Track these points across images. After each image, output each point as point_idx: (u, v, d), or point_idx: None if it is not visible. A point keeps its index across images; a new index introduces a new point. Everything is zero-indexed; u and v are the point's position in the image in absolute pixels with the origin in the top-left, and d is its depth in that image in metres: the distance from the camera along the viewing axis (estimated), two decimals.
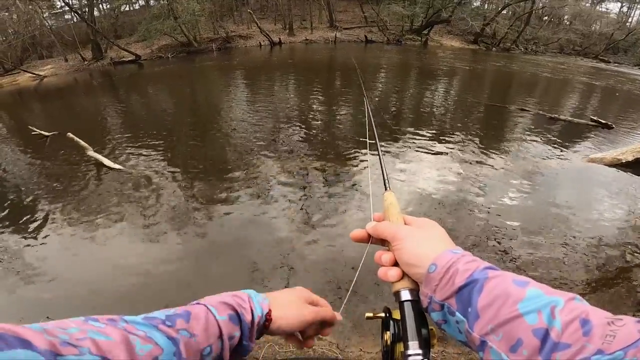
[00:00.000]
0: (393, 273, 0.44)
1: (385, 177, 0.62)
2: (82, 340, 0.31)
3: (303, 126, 6.33)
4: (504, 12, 22.85)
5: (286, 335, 0.50)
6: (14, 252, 3.47)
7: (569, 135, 6.21)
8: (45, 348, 0.28)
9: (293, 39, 21.41)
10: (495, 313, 0.34)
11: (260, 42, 20.56)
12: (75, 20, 20.78)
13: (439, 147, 5.36)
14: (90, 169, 5.00)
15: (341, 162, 4.78)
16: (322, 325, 0.54)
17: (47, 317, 2.46)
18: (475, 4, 24.98)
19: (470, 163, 4.85)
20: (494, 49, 21.35)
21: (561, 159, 5.17)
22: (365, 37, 21.15)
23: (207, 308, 0.43)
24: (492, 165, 4.81)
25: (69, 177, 4.84)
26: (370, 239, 0.51)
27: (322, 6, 23.38)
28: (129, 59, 18.12)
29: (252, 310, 0.46)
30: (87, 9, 19.45)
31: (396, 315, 0.44)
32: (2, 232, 3.80)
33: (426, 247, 0.43)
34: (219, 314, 0.43)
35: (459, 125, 6.43)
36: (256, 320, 0.45)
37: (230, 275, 2.94)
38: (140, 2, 25.47)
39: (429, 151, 5.20)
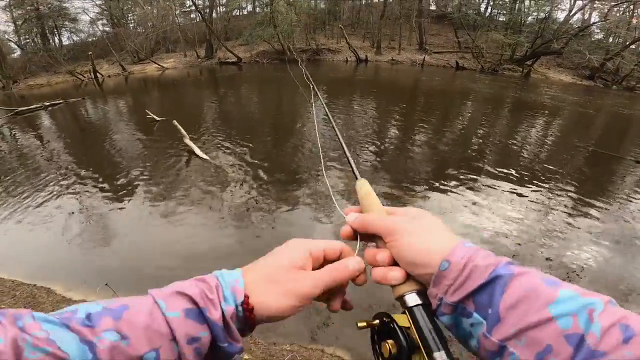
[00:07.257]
0: (396, 275, 0.37)
1: (353, 166, 0.52)
2: None
3: (376, 147, 6.34)
4: (633, 46, 19.42)
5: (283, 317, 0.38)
6: (98, 216, 4.17)
7: None
8: None
9: (379, 57, 21.63)
10: (522, 315, 0.29)
11: (347, 58, 21.31)
12: (197, 19, 24.48)
13: (525, 189, 4.84)
14: (183, 155, 5.83)
15: (404, 190, 4.65)
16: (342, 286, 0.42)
17: (106, 284, 2.85)
18: (596, 36, 21.77)
19: (558, 212, 4.29)
20: (614, 86, 18.27)
21: None
22: (457, 62, 20.16)
23: (155, 301, 0.34)
24: (585, 220, 4.18)
25: (164, 159, 5.74)
26: (357, 235, 0.42)
27: (414, 28, 23.13)
28: (232, 60, 20.62)
29: (220, 303, 0.35)
30: (207, 10, 22.85)
31: (402, 321, 0.36)
32: (94, 194, 4.66)
33: (433, 241, 0.37)
34: (169, 310, 0.33)
35: (554, 169, 5.69)
36: (228, 314, 0.34)
37: None
38: (248, 7, 28.87)
39: (512, 192, 4.74)
